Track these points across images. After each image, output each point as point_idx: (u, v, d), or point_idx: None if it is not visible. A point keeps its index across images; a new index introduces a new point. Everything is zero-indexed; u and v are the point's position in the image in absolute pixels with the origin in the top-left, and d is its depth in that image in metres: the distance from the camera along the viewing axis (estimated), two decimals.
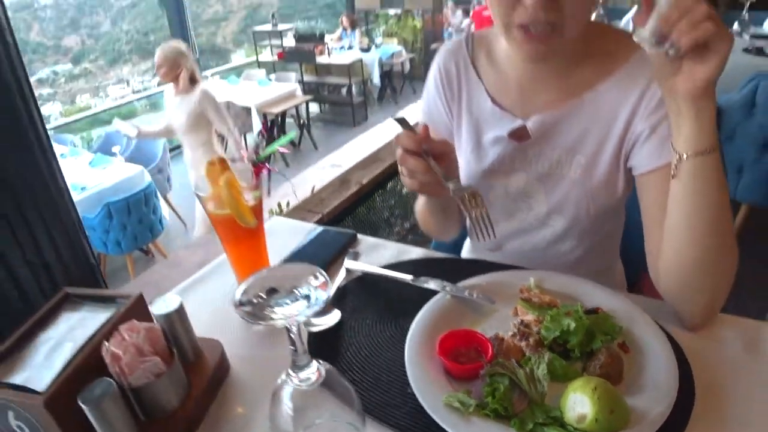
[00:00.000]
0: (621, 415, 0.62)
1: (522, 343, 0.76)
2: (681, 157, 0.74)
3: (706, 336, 0.81)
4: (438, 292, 0.89)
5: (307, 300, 0.53)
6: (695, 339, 0.80)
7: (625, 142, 0.91)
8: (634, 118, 0.88)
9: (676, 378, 0.68)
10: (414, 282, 0.93)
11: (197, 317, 0.81)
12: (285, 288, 0.54)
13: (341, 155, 3.00)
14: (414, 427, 0.68)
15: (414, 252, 1.09)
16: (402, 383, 0.74)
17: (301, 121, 7.32)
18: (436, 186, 0.84)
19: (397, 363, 0.77)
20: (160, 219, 3.90)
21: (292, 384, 0.59)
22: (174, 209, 4.79)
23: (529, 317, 0.80)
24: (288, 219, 1.29)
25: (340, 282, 0.98)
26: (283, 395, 0.60)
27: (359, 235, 1.15)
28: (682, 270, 0.80)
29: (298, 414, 0.60)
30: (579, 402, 0.62)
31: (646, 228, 0.90)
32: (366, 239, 1.14)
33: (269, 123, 6.71)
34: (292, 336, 0.56)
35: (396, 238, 2.66)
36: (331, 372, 0.61)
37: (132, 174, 3.97)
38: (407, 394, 0.72)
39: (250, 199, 0.81)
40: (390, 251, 1.09)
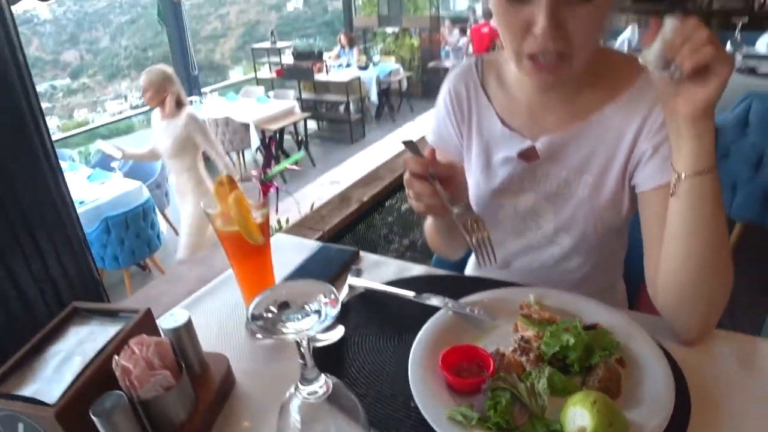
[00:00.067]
0: (620, 428, 0.63)
1: (522, 358, 0.77)
2: (680, 177, 0.77)
3: (701, 351, 0.82)
4: (440, 308, 0.90)
5: (318, 315, 0.55)
6: (691, 354, 0.81)
7: (630, 161, 0.93)
8: (638, 138, 0.91)
9: (672, 391, 0.70)
10: (416, 298, 0.94)
11: (203, 332, 0.82)
12: (296, 303, 0.56)
13: (340, 172, 3.02)
14: None
15: (415, 269, 1.10)
16: (405, 397, 0.75)
17: (299, 138, 7.35)
18: (441, 208, 0.86)
19: (401, 377, 0.77)
20: (157, 234, 3.90)
21: (300, 397, 0.60)
22: (172, 224, 4.79)
23: (530, 333, 0.81)
24: (291, 236, 1.31)
25: (343, 298, 1.00)
26: (292, 408, 0.61)
27: (361, 252, 1.16)
28: (678, 286, 0.82)
29: (305, 427, 0.61)
30: (579, 415, 0.63)
31: (645, 244, 0.91)
32: (368, 256, 1.16)
33: (267, 139, 6.73)
34: (302, 350, 0.57)
35: (394, 255, 2.67)
36: (338, 385, 0.63)
37: (130, 189, 3.97)
38: (411, 407, 0.73)
39: (257, 217, 0.83)
40: (392, 268, 1.11)
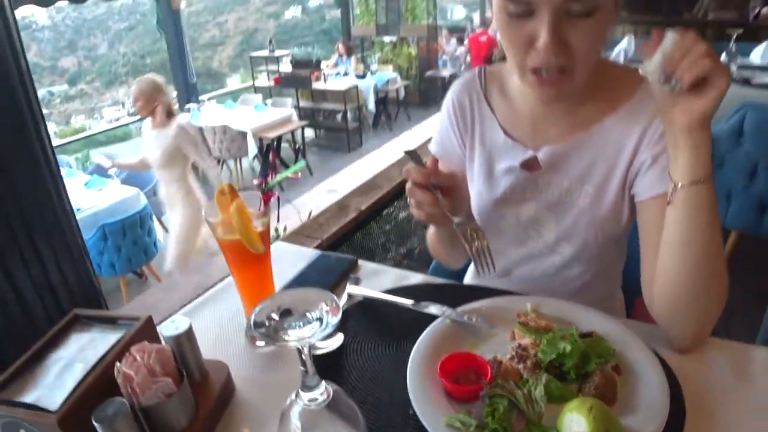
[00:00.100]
0: None
1: (520, 366, 0.78)
2: (676, 186, 0.78)
3: (696, 359, 0.83)
4: (438, 316, 0.90)
5: (319, 323, 0.56)
6: (686, 361, 0.82)
7: (630, 171, 0.94)
8: (638, 149, 0.92)
9: (667, 398, 0.71)
10: (414, 307, 0.95)
11: (202, 339, 0.83)
12: (298, 311, 0.57)
13: (337, 181, 3.03)
14: None
15: (414, 278, 1.10)
16: (404, 404, 0.75)
17: (297, 146, 7.37)
18: (442, 217, 0.87)
19: (399, 385, 0.78)
20: (154, 242, 3.90)
21: (301, 403, 0.61)
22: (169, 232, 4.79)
23: (527, 341, 0.82)
24: (290, 244, 1.32)
25: (342, 306, 1.00)
26: (292, 414, 0.62)
27: (360, 261, 1.17)
28: (674, 293, 0.83)
29: None
30: (575, 421, 0.64)
31: (643, 252, 0.92)
32: (366, 265, 1.16)
33: (265, 147, 6.75)
34: (303, 357, 0.58)
35: (391, 263, 2.68)
36: (338, 392, 0.64)
37: (127, 196, 3.98)
38: (410, 415, 0.73)
39: (258, 226, 0.84)
40: (390, 277, 1.11)
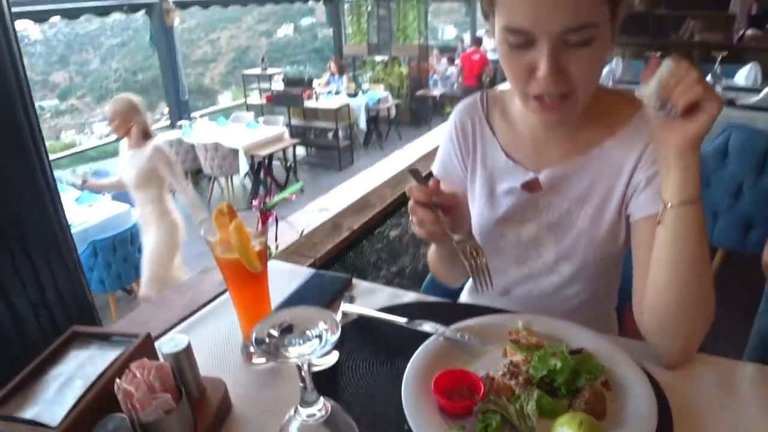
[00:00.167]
0: None
1: (512, 382, 0.79)
2: (666, 206, 0.82)
3: (684, 374, 0.85)
4: (432, 334, 0.92)
5: (319, 340, 0.57)
6: (674, 377, 0.84)
7: (627, 193, 0.97)
8: (635, 171, 0.95)
9: (655, 413, 0.72)
10: (408, 325, 0.96)
11: (198, 356, 0.83)
12: (297, 329, 0.59)
13: (329, 199, 3.04)
14: None
15: (407, 296, 1.12)
16: (399, 421, 0.76)
17: (288, 164, 7.40)
18: (442, 235, 0.89)
19: (394, 401, 0.79)
20: None
21: (299, 419, 0.63)
22: None
23: (518, 357, 0.84)
24: (284, 262, 1.33)
25: None
26: (291, 430, 0.63)
27: (354, 280, 1.18)
28: (663, 310, 0.86)
29: None
30: None
31: (635, 270, 0.95)
32: (361, 283, 1.17)
33: (256, 165, 6.77)
34: (302, 374, 0.60)
35: (383, 281, 2.69)
36: (336, 408, 0.65)
37: (118, 212, 3.97)
38: (405, 430, 0.75)
39: (256, 245, 0.85)
40: (384, 295, 1.12)
